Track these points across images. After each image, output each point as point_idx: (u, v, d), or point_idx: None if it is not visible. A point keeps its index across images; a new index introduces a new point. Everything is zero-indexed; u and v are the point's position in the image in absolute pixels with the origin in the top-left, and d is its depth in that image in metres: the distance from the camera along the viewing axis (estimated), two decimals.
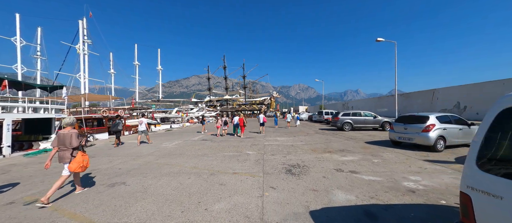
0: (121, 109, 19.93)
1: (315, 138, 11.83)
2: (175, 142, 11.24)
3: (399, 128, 8.16)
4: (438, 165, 5.62)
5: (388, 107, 24.78)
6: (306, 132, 15.15)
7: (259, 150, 8.27)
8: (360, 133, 13.85)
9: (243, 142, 10.75)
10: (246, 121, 15.93)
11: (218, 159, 6.79)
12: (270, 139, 11.55)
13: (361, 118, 15.34)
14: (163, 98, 42.66)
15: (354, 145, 9.13)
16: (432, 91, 18.01)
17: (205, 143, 10.52)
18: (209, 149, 8.85)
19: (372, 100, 30.03)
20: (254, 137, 12.59)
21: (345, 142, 9.90)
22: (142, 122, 11.06)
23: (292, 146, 9.07)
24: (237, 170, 5.48)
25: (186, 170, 5.54)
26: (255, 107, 65.75)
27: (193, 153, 7.92)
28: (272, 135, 13.64)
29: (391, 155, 6.84)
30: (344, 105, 39.12)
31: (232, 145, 9.68)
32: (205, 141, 11.30)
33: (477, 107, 14.08)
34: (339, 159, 6.42)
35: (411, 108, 20.33)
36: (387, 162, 5.94)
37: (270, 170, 5.42)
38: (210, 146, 9.51)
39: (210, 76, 73.65)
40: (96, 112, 18.64)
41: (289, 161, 6.28)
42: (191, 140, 12.11)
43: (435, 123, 7.30)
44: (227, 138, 12.41)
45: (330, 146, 8.97)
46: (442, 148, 7.21)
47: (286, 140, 11.01)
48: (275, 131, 16.41)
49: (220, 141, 11.16)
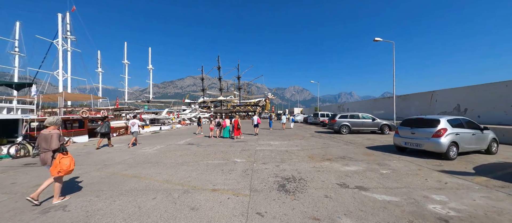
0: (104, 110, 18.51)
1: (311, 142, 10.92)
2: (157, 147, 10.08)
3: (405, 132, 7.32)
4: (459, 177, 4.75)
5: (384, 109, 24.27)
6: (301, 135, 14.25)
7: (249, 157, 7.24)
8: (359, 136, 13.04)
9: (233, 146, 9.72)
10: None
11: (199, 169, 5.73)
12: (263, 143, 10.55)
13: (359, 121, 14.57)
14: (154, 99, 41.03)
15: (354, 150, 8.24)
16: (431, 93, 17.50)
17: (190, 148, 9.41)
18: (193, 155, 7.76)
19: (368, 102, 29.55)
20: (246, 141, 11.56)
21: (344, 147, 9.01)
22: (135, 123, 10.92)
23: (286, 152, 8.10)
24: (219, 185, 4.45)
25: (154, 186, 4.46)
26: (250, 108, 64.74)
27: (172, 161, 6.82)
28: (266, 138, 12.65)
29: (399, 164, 5.95)
30: (340, 107, 38.62)
31: (220, 150, 8.62)
32: (191, 146, 10.19)
33: (478, 110, 13.54)
34: (341, 169, 5.48)
35: (409, 110, 19.79)
36: (398, 174, 5.04)
37: (259, 185, 4.41)
38: (195, 152, 8.42)
39: (204, 77, 72.24)
40: (75, 112, 17.19)
41: (283, 172, 5.28)
42: (176, 144, 10.96)
43: (446, 127, 6.48)
44: (217, 141, 11.34)
45: (328, 152, 8.04)
46: (455, 155, 6.39)
47: (280, 144, 10.03)
48: (269, 134, 15.45)
49: (208, 145, 10.08)
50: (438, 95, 16.78)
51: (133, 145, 10.28)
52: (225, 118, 13.80)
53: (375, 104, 26.88)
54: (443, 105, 16.20)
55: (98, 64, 40.79)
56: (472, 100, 14.00)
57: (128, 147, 9.98)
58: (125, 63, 40.11)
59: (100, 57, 41.09)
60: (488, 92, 13.00)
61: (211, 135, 13.67)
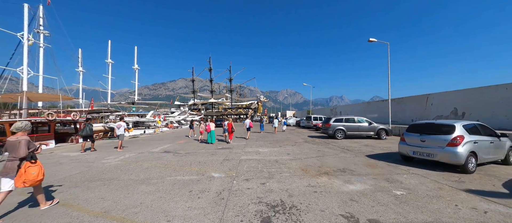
0: (75, 112, 16.58)
1: (304, 148, 9.76)
2: (124, 156, 8.55)
3: (413, 139, 6.28)
4: (496, 202, 3.68)
5: (377, 112, 23.71)
6: (293, 140, 13.10)
7: (230, 170, 5.94)
8: (355, 142, 12.05)
9: (215, 154, 8.37)
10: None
11: (160, 190, 4.36)
12: (250, 151, 9.28)
13: (355, 125, 13.63)
14: (139, 100, 38.79)
15: (354, 160, 7.13)
16: (426, 96, 16.96)
17: (163, 158, 7.97)
18: (162, 168, 6.35)
19: (361, 106, 29.03)
20: (231, 147, 10.23)
21: (342, 156, 7.89)
22: (121, 126, 10.47)
23: (276, 162, 6.86)
24: (176, 220, 3.12)
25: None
26: (242, 111, 63.32)
27: (131, 177, 5.39)
28: (254, 144, 11.38)
29: (412, 180, 4.85)
30: (332, 111, 38.10)
31: (198, 161, 7.26)
32: (165, 154, 8.73)
33: (477, 114, 12.96)
34: (344, 189, 4.29)
35: (403, 114, 19.22)
36: (417, 196, 3.91)
37: (234, 219, 3.12)
38: (166, 163, 7.00)
39: (194, 79, 70.23)
40: (40, 115, 15.21)
41: (269, 195, 4.03)
42: (149, 152, 9.46)
43: (463, 134, 5.49)
44: (200, 148, 9.92)
45: (325, 162, 6.88)
46: (474, 167, 5.40)
47: (269, 152, 8.79)
48: (259, 138, 14.20)
49: (186, 154, 8.67)
50: (433, 99, 16.23)
51: (117, 148, 10.12)
52: (209, 122, 12.41)
53: (368, 108, 26.34)
54: (439, 109, 15.64)
55: (78, 63, 38.16)
56: (470, 104, 13.44)
57: (118, 150, 9.89)
58: (108, 62, 37.70)
59: (81, 55, 38.50)
60: (488, 95, 12.46)
61: (200, 139, 13.19)
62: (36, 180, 3.31)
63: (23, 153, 3.33)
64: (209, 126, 11.92)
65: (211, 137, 11.78)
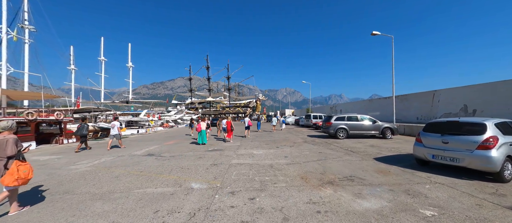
0: (59, 112, 15.51)
1: (304, 150, 8.79)
2: (102, 159, 7.54)
3: (432, 140, 5.31)
4: None
5: (380, 110, 22.78)
6: (292, 140, 12.13)
7: (215, 178, 4.96)
8: (359, 142, 11.09)
9: (202, 158, 7.38)
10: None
11: (117, 211, 3.36)
12: (244, 153, 8.29)
13: (358, 123, 12.66)
14: (134, 99, 37.65)
15: (362, 165, 6.16)
16: (432, 93, 16.01)
17: (143, 162, 6.97)
18: (135, 176, 5.35)
19: (362, 103, 28.09)
20: (222, 149, 9.25)
21: (347, 159, 6.92)
22: (115, 126, 10.29)
23: (271, 168, 5.88)
24: None
25: None
26: (240, 110, 62.33)
27: (92, 190, 4.38)
28: (249, 145, 10.41)
29: (440, 193, 3.89)
30: (332, 109, 37.15)
31: (181, 166, 6.27)
32: (147, 158, 7.73)
33: (489, 112, 12.03)
34: (356, 208, 3.31)
35: (408, 112, 18.28)
36: (454, 219, 2.94)
37: None
38: (143, 169, 6.01)
39: (192, 77, 69.05)
40: (19, 114, 14.14)
41: (258, 218, 3.04)
42: (131, 155, 8.45)
43: (497, 134, 4.53)
44: (188, 150, 8.92)
45: (328, 167, 5.91)
46: (510, 175, 4.45)
47: (264, 155, 7.81)
48: (255, 138, 13.23)
49: (171, 157, 7.67)
50: (441, 95, 15.28)
51: (111, 148, 10.04)
52: (200, 121, 11.23)
53: (370, 105, 25.40)
54: (447, 106, 14.69)
55: (70, 61, 36.90)
56: (482, 101, 12.50)
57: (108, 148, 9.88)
58: (101, 60, 36.48)
59: (73, 53, 37.21)
60: (502, 91, 11.51)
61: None
62: (28, 178, 3.30)
63: (11, 152, 3.28)
64: (199, 125, 10.86)
65: (202, 137, 10.75)
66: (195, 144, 11.28)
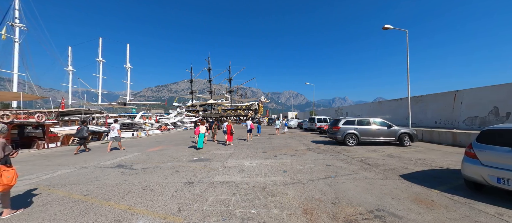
0: (40, 114, 14.28)
1: (308, 160, 7.17)
2: (57, 172, 6.08)
3: (498, 156, 3.65)
4: None
5: (391, 113, 20.94)
6: (294, 147, 10.51)
7: (178, 211, 3.41)
8: (373, 150, 9.40)
9: (179, 172, 5.84)
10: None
11: None
12: (233, 165, 6.73)
13: (371, 128, 10.96)
14: (131, 101, 36.57)
15: (387, 186, 4.51)
16: (453, 94, 14.17)
17: (101, 178, 5.46)
18: (72, 203, 3.84)
19: (371, 106, 26.19)
20: (210, 159, 7.69)
21: (365, 177, 5.27)
22: (114, 128, 10.20)
23: (262, 191, 4.30)
24: None
25: None
26: (242, 113, 60.84)
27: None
28: (243, 153, 8.85)
29: None
30: (337, 111, 35.29)
31: (144, 186, 4.73)
32: (112, 171, 6.23)
33: None
34: None
35: (424, 115, 16.43)
36: None
37: None
38: (92, 191, 4.50)
39: (193, 80, 68.10)
40: None
41: None
42: (96, 166, 6.97)
43: None
44: (167, 160, 7.39)
45: (341, 189, 4.29)
46: None
47: (258, 168, 6.22)
48: (252, 144, 11.64)
49: (141, 170, 6.16)
50: (464, 96, 13.44)
51: (111, 150, 9.87)
52: (200, 124, 10.69)
53: (379, 108, 23.55)
54: (472, 108, 12.84)
55: (68, 62, 36.20)
56: None
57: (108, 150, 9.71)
58: (99, 61, 35.66)
59: (71, 54, 36.53)
60: None
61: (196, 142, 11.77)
62: (10, 185, 3.13)
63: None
64: (197, 128, 10.41)
65: (200, 141, 10.13)
66: (185, 150, 9.82)
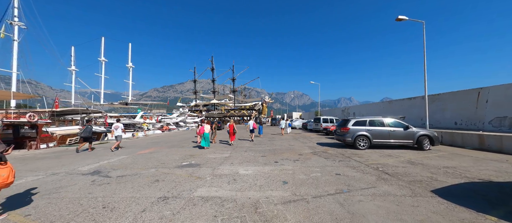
0: (32, 113, 13.70)
1: (313, 168, 6.08)
2: (22, 179, 5.23)
3: None
4: None
5: (402, 113, 19.49)
6: (298, 151, 9.41)
7: None
8: (389, 155, 8.19)
9: (160, 182, 4.87)
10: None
11: None
12: (225, 173, 5.71)
13: (385, 129, 9.74)
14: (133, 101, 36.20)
15: (419, 208, 3.38)
16: (477, 91, 12.73)
17: (64, 190, 4.55)
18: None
19: (380, 105, 24.69)
20: (203, 163, 6.71)
21: (386, 192, 4.15)
22: (118, 127, 10.54)
23: (254, 210, 3.27)
24: None
25: None
26: (245, 113, 59.93)
27: None
28: (239, 158, 7.83)
29: None
30: (344, 111, 33.83)
31: (107, 202, 3.78)
32: (82, 179, 5.33)
33: None
34: None
35: (442, 115, 15.00)
36: None
37: None
38: (44, 207, 3.57)
39: (196, 80, 67.69)
40: None
41: None
42: (70, 172, 6.10)
43: None
44: (151, 166, 6.47)
45: (357, 213, 3.20)
46: None
47: (253, 177, 5.18)
48: (252, 146, 10.60)
49: (115, 180, 5.24)
50: (490, 94, 11.99)
51: (115, 149, 10.23)
52: (205, 123, 10.74)
53: (389, 108, 22.08)
54: (501, 108, 11.38)
55: (71, 62, 36.20)
56: None
57: (111, 150, 10.03)
58: (101, 60, 35.48)
59: (74, 53, 36.52)
60: None
61: (198, 141, 11.63)
62: (7, 183, 3.04)
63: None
64: (202, 128, 10.41)
65: (206, 140, 10.32)
66: (178, 153, 8.89)
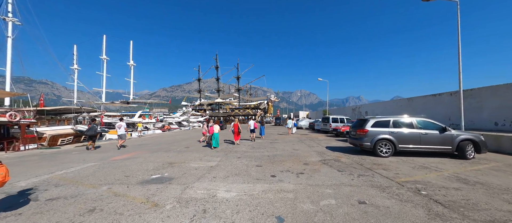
0: (13, 112, 12.62)
1: (323, 188, 4.26)
2: None
3: None
4: None
5: (424, 112, 17.13)
6: (303, 158, 7.58)
7: None
8: (421, 165, 6.22)
9: (93, 214, 3.26)
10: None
11: None
12: (197, 194, 4.00)
13: (414, 132, 7.71)
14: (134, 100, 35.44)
15: None
16: None
17: None
18: None
19: (398, 103, 22.19)
20: (176, 177, 5.05)
21: None
22: (121, 126, 10.60)
23: None
24: None
25: None
26: (250, 112, 58.30)
27: None
28: (226, 169, 6.11)
29: None
30: (355, 110, 31.41)
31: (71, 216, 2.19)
32: (14, 198, 3.81)
33: None
34: None
35: (478, 114, 12.66)
36: None
37: None
38: None
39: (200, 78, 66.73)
40: None
41: None
42: (14, 184, 4.63)
43: None
44: (117, 178, 4.91)
45: None
46: None
47: (233, 205, 3.43)
48: (248, 150, 8.88)
49: (37, 205, 3.67)
50: None
51: (121, 147, 10.33)
52: (214, 123, 10.60)
53: (409, 105, 19.68)
54: None
55: (73, 61, 35.87)
56: None
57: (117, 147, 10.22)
58: (103, 58, 34.90)
59: (76, 52, 36.17)
60: None
61: (201, 141, 11.99)
62: (4, 181, 3.08)
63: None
64: (212, 128, 10.14)
65: (215, 140, 9.96)
66: (157, 160, 7.32)
